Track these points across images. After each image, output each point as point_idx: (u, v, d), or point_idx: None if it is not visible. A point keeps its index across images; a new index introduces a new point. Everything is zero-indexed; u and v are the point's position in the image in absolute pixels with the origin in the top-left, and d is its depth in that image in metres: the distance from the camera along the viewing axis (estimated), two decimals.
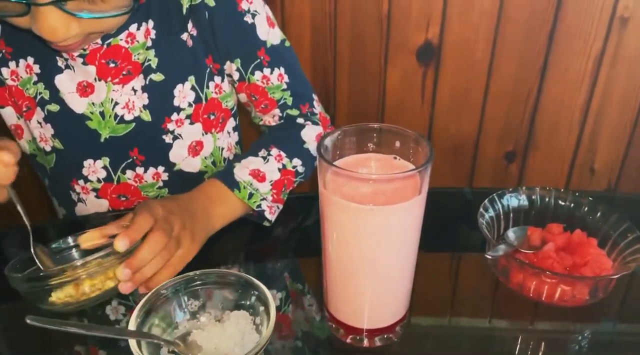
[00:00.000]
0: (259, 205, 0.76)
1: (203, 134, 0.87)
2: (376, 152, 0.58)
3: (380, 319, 0.59)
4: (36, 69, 0.79)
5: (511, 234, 0.69)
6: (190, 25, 0.80)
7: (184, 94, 0.82)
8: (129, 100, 0.80)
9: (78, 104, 0.80)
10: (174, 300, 0.59)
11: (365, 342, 0.59)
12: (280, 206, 0.79)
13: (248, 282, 0.59)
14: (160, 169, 0.87)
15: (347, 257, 0.55)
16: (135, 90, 0.80)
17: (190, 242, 0.67)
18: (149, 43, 0.79)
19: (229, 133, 0.92)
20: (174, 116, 0.83)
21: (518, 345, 0.61)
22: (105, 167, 0.85)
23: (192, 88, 0.83)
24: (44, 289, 0.60)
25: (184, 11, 0.79)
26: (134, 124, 0.82)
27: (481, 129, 1.44)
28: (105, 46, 0.77)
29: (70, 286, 0.60)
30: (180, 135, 0.85)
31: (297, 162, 0.83)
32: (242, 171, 0.77)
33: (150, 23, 0.78)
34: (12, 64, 0.79)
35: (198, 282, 0.60)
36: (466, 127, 1.43)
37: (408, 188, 0.53)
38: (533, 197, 0.72)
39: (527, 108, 1.41)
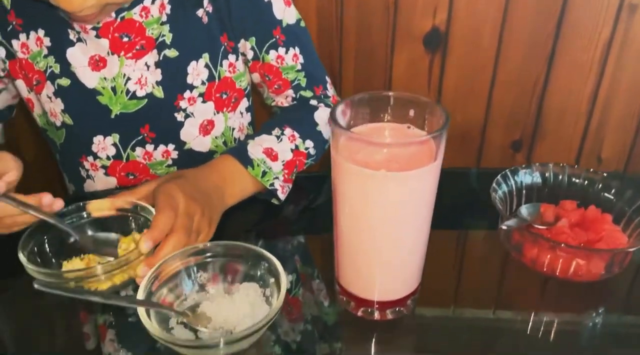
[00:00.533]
0: (272, 184, 0.75)
1: (215, 113, 0.86)
2: (389, 121, 0.57)
3: (392, 291, 0.58)
4: (47, 41, 0.77)
5: (524, 210, 0.68)
6: (206, 2, 0.79)
7: (197, 71, 0.81)
8: (142, 75, 0.79)
9: (89, 79, 0.78)
10: (183, 271, 0.58)
11: (377, 315, 0.58)
12: (290, 186, 0.78)
13: (258, 253, 0.58)
14: (171, 147, 0.86)
15: (359, 226, 0.54)
16: (148, 66, 0.79)
17: (209, 228, 0.67)
18: (164, 18, 0.78)
19: (241, 113, 0.91)
20: (187, 94, 0.82)
21: (531, 320, 0.60)
22: (114, 144, 0.84)
23: (206, 66, 0.82)
24: (60, 284, 0.59)
25: None
26: (146, 100, 0.80)
27: (488, 117, 1.43)
28: (119, 20, 0.75)
29: (86, 281, 0.59)
30: (192, 113, 0.83)
31: (309, 143, 0.82)
32: (255, 148, 0.77)
33: None
34: (22, 36, 0.78)
35: (208, 254, 0.59)
36: (473, 115, 1.42)
37: (423, 155, 0.52)
38: (546, 174, 0.71)
39: (534, 96, 1.39)
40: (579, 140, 1.44)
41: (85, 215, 0.66)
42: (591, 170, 0.69)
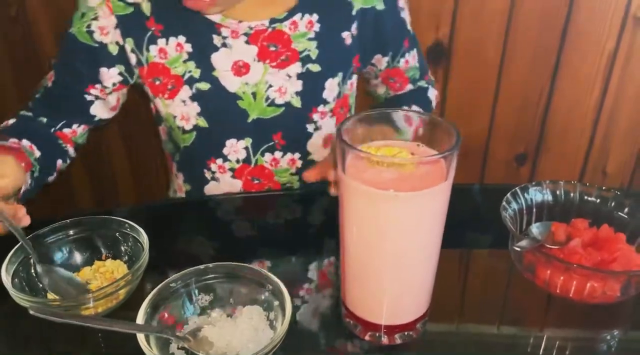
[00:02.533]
0: None
1: (335, 127, 0.90)
2: (398, 139, 0.55)
3: (400, 315, 0.56)
4: (187, 47, 0.79)
5: (535, 229, 0.66)
6: (353, 26, 0.84)
7: (331, 88, 0.86)
8: (283, 85, 0.82)
9: (231, 83, 0.81)
10: (184, 294, 0.56)
11: (385, 339, 0.56)
12: None
13: (262, 275, 0.56)
14: (297, 155, 0.89)
15: (367, 248, 0.53)
16: (289, 76, 0.82)
17: None
18: (312, 35, 0.82)
19: None
20: (321, 108, 0.86)
21: (544, 344, 0.58)
22: (246, 148, 0.86)
23: (338, 84, 0.87)
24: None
25: (354, 12, 0.83)
26: (283, 109, 0.84)
27: (491, 131, 1.42)
28: (270, 29, 0.79)
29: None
30: (320, 126, 0.88)
31: None
32: None
33: (315, 16, 0.81)
34: (161, 42, 0.78)
35: (209, 276, 0.57)
36: (476, 129, 1.41)
37: (433, 175, 0.50)
38: (557, 192, 0.69)
39: (538, 109, 1.38)
40: (583, 154, 1.42)
41: (71, 233, 0.64)
42: (603, 188, 0.68)
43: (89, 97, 0.83)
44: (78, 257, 0.64)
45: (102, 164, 1.45)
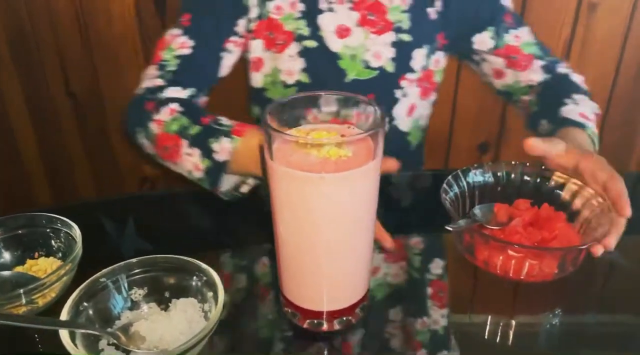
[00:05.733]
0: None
1: (420, 99, 0.95)
2: (328, 122, 0.55)
3: (338, 300, 0.55)
4: (301, 7, 0.85)
5: (477, 211, 0.66)
6: (439, 3, 0.89)
7: (418, 58, 0.90)
8: (379, 50, 0.88)
9: (334, 43, 0.87)
10: (113, 288, 0.55)
11: (325, 326, 0.55)
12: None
13: (195, 266, 0.55)
14: None
15: (300, 233, 0.52)
16: (385, 43, 0.88)
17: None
18: (405, 7, 0.88)
19: (430, 104, 1.01)
20: (409, 75, 0.91)
21: (487, 325, 0.58)
22: None
23: (424, 56, 0.91)
24: None
25: None
26: (377, 72, 0.89)
27: (453, 121, 1.42)
28: (371, 0, 0.85)
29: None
30: (407, 94, 0.93)
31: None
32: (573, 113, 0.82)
33: None
34: (278, 0, 0.85)
35: (142, 269, 0.56)
36: (438, 119, 1.41)
37: (361, 155, 0.49)
38: (499, 174, 0.69)
39: (499, 98, 1.38)
40: None
41: (1, 232, 0.62)
42: (543, 167, 0.68)
43: (223, 54, 0.87)
44: (8, 257, 0.62)
45: (61, 161, 1.43)
